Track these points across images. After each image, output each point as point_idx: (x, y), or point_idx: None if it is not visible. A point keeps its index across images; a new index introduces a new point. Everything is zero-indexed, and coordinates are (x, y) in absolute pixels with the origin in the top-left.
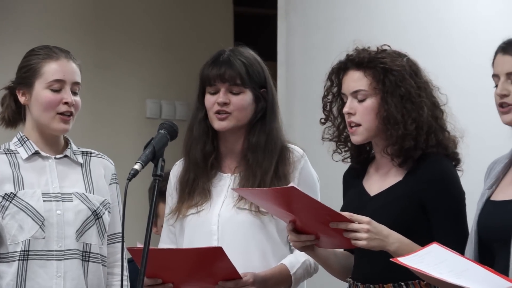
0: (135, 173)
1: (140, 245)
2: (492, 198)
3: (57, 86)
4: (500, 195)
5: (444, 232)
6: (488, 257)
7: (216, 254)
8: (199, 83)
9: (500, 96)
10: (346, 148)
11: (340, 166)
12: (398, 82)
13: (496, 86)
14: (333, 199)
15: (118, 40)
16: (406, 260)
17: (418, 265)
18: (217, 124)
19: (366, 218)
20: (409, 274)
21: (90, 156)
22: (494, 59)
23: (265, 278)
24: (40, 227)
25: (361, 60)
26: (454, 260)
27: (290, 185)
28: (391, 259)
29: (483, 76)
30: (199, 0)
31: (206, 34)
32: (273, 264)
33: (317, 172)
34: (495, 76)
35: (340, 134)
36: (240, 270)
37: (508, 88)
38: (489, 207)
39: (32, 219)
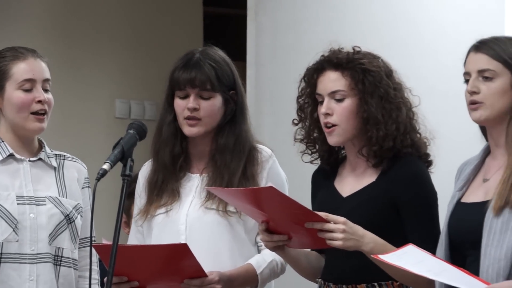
0: (104, 173)
1: (105, 241)
2: (463, 200)
3: (28, 85)
4: (471, 197)
5: (417, 232)
6: (459, 259)
7: (181, 251)
8: (168, 85)
9: (470, 93)
10: (315, 150)
11: (310, 167)
12: (377, 83)
13: (466, 82)
14: (302, 199)
15: (88, 40)
16: (385, 257)
17: (397, 263)
18: (188, 131)
19: (342, 219)
20: (382, 274)
21: (64, 159)
22: (466, 57)
23: (231, 277)
24: (14, 230)
25: (339, 60)
26: (431, 261)
27: (268, 185)
28: (372, 256)
29: (454, 78)
30: (169, 0)
31: (175, 34)
32: (240, 264)
33: (286, 172)
34: (467, 73)
35: (310, 135)
36: (207, 269)
37: (478, 86)
38: (460, 209)
39: (6, 222)
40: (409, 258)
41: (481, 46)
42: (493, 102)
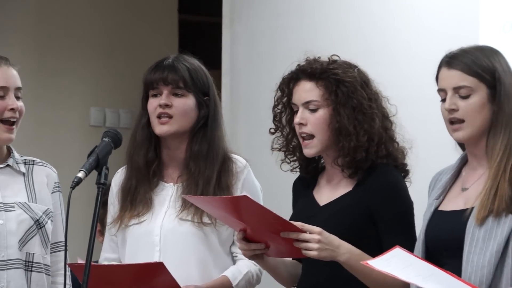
0: (79, 181)
1: (81, 261)
2: (440, 208)
3: (1, 93)
4: (449, 206)
5: (392, 242)
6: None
7: (157, 270)
8: (143, 88)
9: (448, 111)
10: (295, 158)
11: (286, 175)
12: (350, 94)
13: (443, 100)
14: (279, 208)
15: (63, 48)
16: (374, 263)
17: (386, 269)
18: (159, 129)
19: (317, 229)
20: (356, 283)
21: (33, 164)
22: (438, 73)
23: None
24: None
25: (313, 70)
26: (419, 265)
27: (243, 194)
28: (361, 262)
29: (428, 86)
30: (143, 7)
31: (151, 42)
32: (215, 275)
33: (263, 181)
34: (441, 90)
35: (288, 144)
36: (182, 281)
37: (456, 103)
38: (438, 218)
39: None
40: (398, 263)
41: (452, 62)
42: (473, 118)
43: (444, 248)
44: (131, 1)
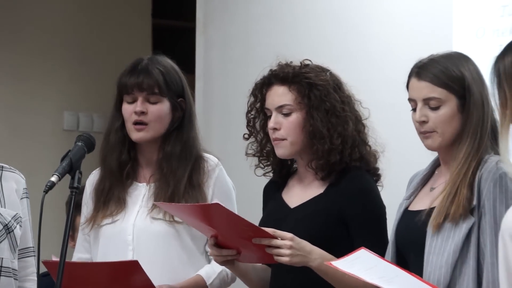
0: (52, 185)
1: (55, 258)
2: (410, 208)
3: None
4: (417, 205)
5: (363, 246)
6: (405, 267)
7: (132, 268)
8: (116, 91)
9: (419, 123)
10: (268, 163)
11: (260, 179)
12: (323, 97)
13: (413, 109)
14: (252, 213)
15: (35, 52)
16: (338, 264)
17: (350, 270)
18: (135, 136)
19: (289, 235)
20: (325, 287)
21: (2, 170)
22: (408, 82)
23: None
24: None
25: (285, 75)
26: (383, 266)
27: (214, 201)
28: (325, 262)
29: (401, 91)
30: (117, 11)
31: (124, 46)
32: (189, 273)
33: (236, 186)
34: (412, 100)
35: (262, 149)
36: (156, 279)
37: (426, 114)
38: (406, 217)
39: None
40: (362, 264)
41: (421, 72)
42: (444, 129)
43: (411, 247)
44: (105, 4)
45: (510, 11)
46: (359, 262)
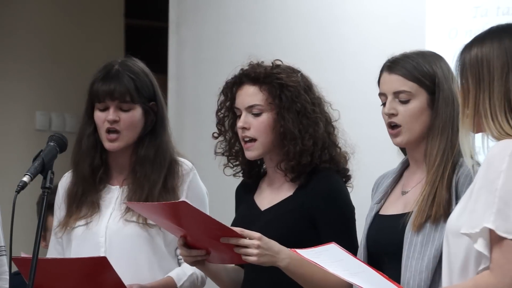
0: (24, 185)
1: (24, 255)
2: (381, 213)
3: None
4: (390, 210)
5: None
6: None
7: (101, 264)
8: (87, 97)
9: (388, 116)
10: (237, 163)
11: (232, 180)
12: (294, 98)
13: (383, 104)
14: (224, 213)
15: (7, 51)
16: (304, 253)
17: (315, 259)
18: (108, 145)
19: (257, 234)
20: None
21: None
22: (380, 77)
23: None
24: None
25: (257, 75)
26: (350, 261)
27: (181, 199)
28: (290, 249)
29: (372, 92)
30: (89, 11)
31: (96, 46)
32: (160, 277)
33: (209, 186)
34: (382, 94)
35: (231, 148)
36: (127, 282)
37: (395, 107)
38: (378, 221)
39: None
40: (328, 256)
41: (393, 66)
42: (412, 124)
43: (385, 252)
44: (77, 4)
45: (483, 12)
46: (326, 254)
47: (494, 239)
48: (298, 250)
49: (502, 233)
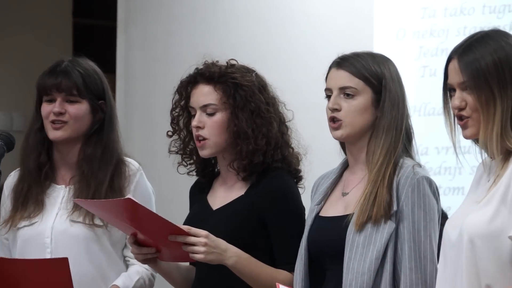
0: None
1: None
2: (321, 214)
3: None
4: (330, 211)
5: (281, 247)
6: (318, 272)
7: (58, 266)
8: (36, 92)
9: (331, 110)
10: (192, 161)
11: (181, 179)
12: (248, 97)
13: (328, 97)
14: (173, 212)
15: None
16: None
17: None
18: (52, 134)
19: (204, 232)
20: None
21: None
22: (328, 72)
23: None
24: None
25: (211, 74)
26: None
27: (127, 196)
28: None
29: (320, 93)
30: (38, 10)
31: (44, 45)
32: (110, 277)
33: (156, 185)
34: (328, 89)
35: (185, 147)
36: (76, 283)
37: (339, 103)
38: (319, 223)
39: None
40: None
41: (342, 63)
42: (353, 119)
43: (326, 254)
44: (25, 3)
45: (431, 13)
46: None
47: None
48: None
49: None
